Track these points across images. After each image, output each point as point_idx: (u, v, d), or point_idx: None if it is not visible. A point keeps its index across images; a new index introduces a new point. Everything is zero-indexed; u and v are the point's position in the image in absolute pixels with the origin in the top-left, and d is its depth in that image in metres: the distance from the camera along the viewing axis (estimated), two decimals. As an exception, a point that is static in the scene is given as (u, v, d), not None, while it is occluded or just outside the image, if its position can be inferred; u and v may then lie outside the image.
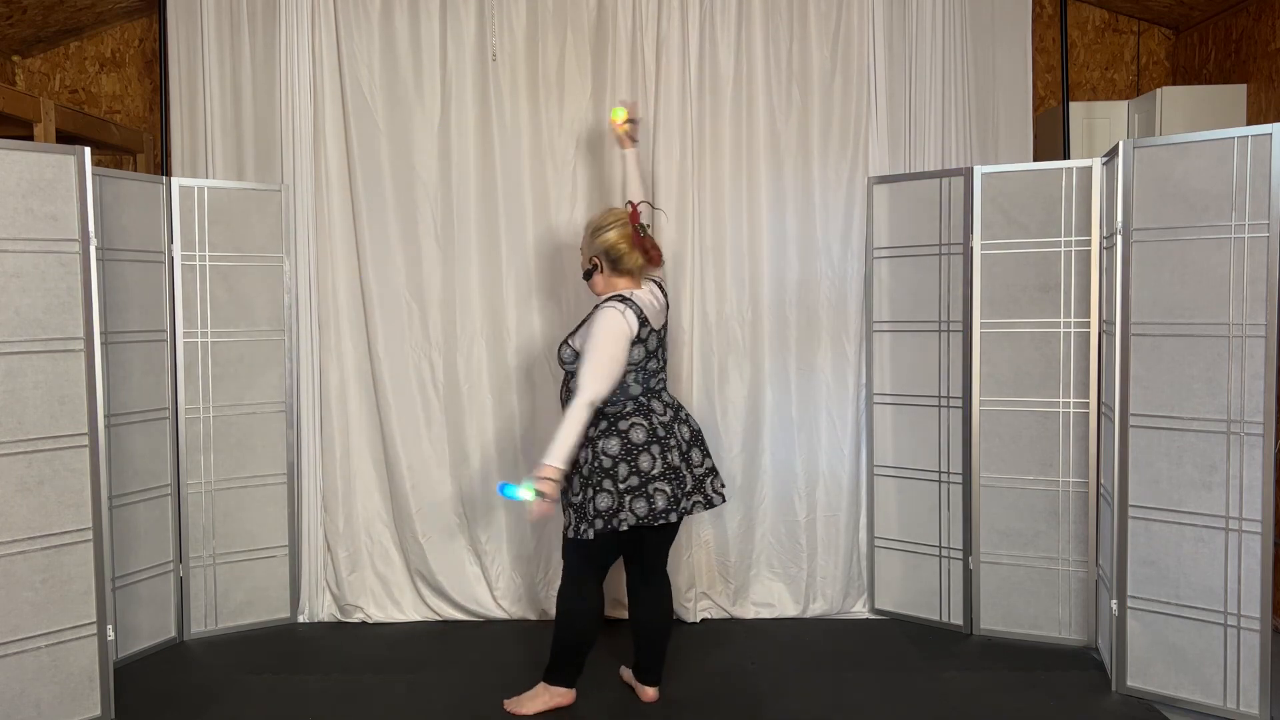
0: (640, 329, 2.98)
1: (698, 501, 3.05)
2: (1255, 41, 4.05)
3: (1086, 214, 3.53)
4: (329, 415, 3.96)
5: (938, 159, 3.91)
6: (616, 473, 2.94)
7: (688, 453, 3.04)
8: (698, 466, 3.06)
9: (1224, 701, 3.05)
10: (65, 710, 3.02)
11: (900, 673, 3.43)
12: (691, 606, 3.94)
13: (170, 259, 3.69)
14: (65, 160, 3.00)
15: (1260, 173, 2.92)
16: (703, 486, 3.07)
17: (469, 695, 3.28)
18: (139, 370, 3.58)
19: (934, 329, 3.80)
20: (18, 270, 2.91)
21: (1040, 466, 3.65)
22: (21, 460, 2.92)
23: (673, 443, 3.00)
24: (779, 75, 3.93)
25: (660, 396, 3.07)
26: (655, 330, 3.04)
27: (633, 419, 2.98)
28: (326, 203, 3.93)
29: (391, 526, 4.03)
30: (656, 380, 3.08)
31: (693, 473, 3.04)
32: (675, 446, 3.00)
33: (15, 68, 4.61)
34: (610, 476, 2.94)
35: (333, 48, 3.90)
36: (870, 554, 4.02)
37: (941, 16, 3.90)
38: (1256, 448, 2.96)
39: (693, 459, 3.05)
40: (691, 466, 3.04)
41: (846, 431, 3.97)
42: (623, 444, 2.95)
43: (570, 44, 3.92)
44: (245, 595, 3.89)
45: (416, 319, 3.94)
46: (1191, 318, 3.06)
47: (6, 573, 2.91)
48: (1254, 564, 2.98)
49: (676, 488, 2.97)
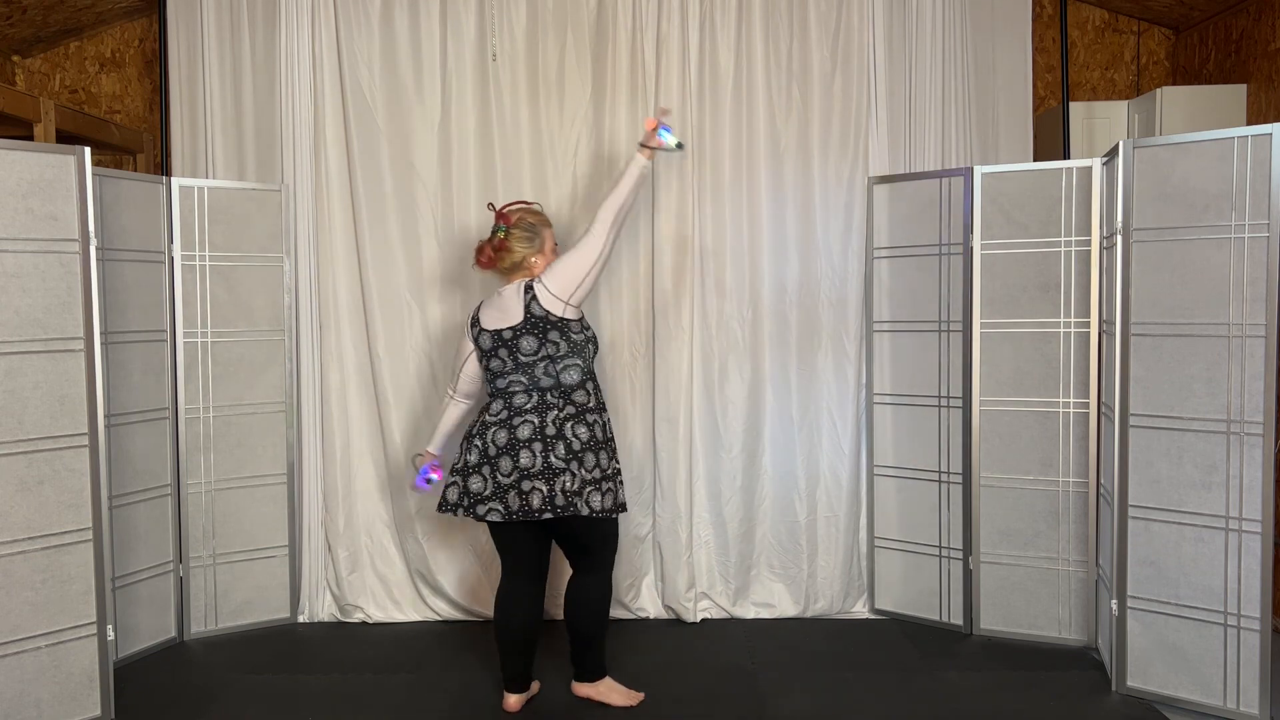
0: (471, 328, 3.21)
1: (494, 508, 3.02)
2: (1255, 41, 4.05)
3: (1086, 214, 3.53)
4: (329, 415, 3.96)
5: (938, 159, 3.91)
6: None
7: (495, 458, 3.03)
8: (504, 475, 3.02)
9: (1224, 701, 3.05)
10: (65, 710, 3.02)
11: (900, 673, 3.43)
12: (691, 606, 3.94)
13: (170, 259, 3.69)
14: (65, 160, 3.00)
15: (1260, 173, 2.92)
16: (504, 496, 3.01)
17: (469, 695, 3.27)
18: (139, 370, 3.58)
19: (934, 329, 3.80)
20: (18, 270, 2.91)
21: (1040, 466, 3.65)
22: (21, 460, 2.92)
23: (478, 444, 3.06)
24: (779, 75, 3.93)
25: (508, 399, 3.09)
26: (490, 331, 3.12)
27: (481, 412, 3.18)
28: (326, 203, 3.94)
29: (391, 527, 4.03)
30: (504, 381, 3.11)
31: (495, 479, 3.03)
32: (480, 448, 3.06)
33: (15, 68, 4.61)
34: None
35: (333, 48, 3.90)
36: (870, 554, 4.02)
37: (941, 16, 3.90)
38: (1256, 448, 2.96)
39: (500, 465, 3.02)
40: (497, 473, 3.03)
41: (847, 431, 3.97)
42: (468, 431, 3.16)
43: (570, 44, 3.92)
44: (245, 595, 3.89)
45: (416, 319, 3.94)
46: (1191, 318, 3.06)
47: (6, 573, 2.91)
48: (1254, 564, 2.98)
49: (469, 487, 3.06)
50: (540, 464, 3.00)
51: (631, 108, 3.90)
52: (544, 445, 3.02)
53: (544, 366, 3.08)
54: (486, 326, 3.15)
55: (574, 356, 3.10)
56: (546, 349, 3.08)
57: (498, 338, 3.11)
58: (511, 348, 3.09)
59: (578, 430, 3.05)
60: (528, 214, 3.23)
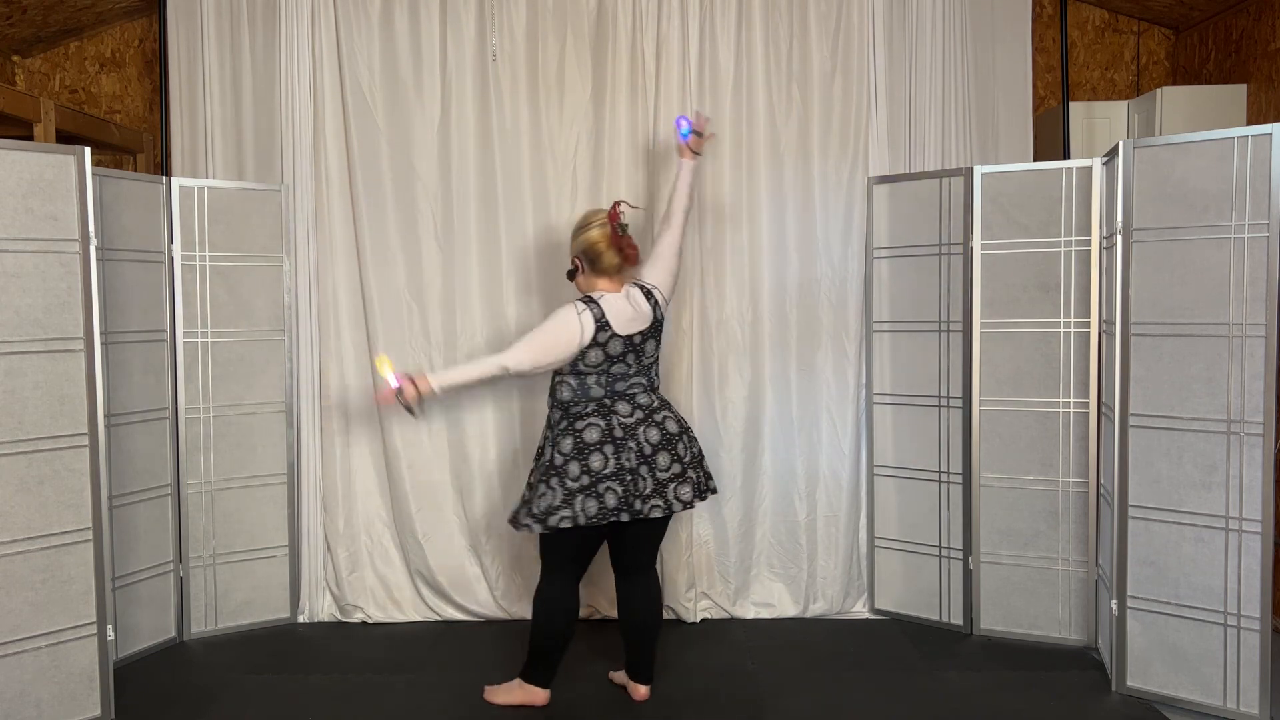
0: (598, 333, 3.00)
1: (656, 505, 3.02)
2: (1255, 41, 4.05)
3: (1086, 214, 3.53)
4: (329, 415, 3.96)
5: (938, 159, 3.91)
6: (567, 471, 2.98)
7: (652, 456, 3.02)
8: (662, 471, 3.03)
9: (1224, 701, 3.05)
10: (65, 710, 3.02)
11: (900, 673, 3.43)
12: (691, 606, 3.94)
13: (170, 259, 3.69)
14: (65, 160, 3.00)
15: (1260, 173, 2.92)
16: (664, 491, 3.03)
17: (469, 695, 3.27)
18: (139, 370, 3.58)
19: (934, 329, 3.80)
20: (18, 270, 2.91)
21: (1040, 466, 3.65)
22: (21, 460, 2.92)
23: (631, 445, 3.00)
24: (779, 75, 3.93)
25: (633, 399, 3.06)
26: (622, 336, 3.04)
27: (590, 419, 3.02)
28: (326, 203, 3.94)
29: (391, 526, 4.03)
30: (627, 384, 3.07)
31: (655, 476, 3.02)
32: (634, 449, 3.00)
33: (15, 68, 4.61)
34: (559, 475, 2.98)
35: (333, 48, 3.90)
36: (870, 554, 4.02)
37: (941, 16, 3.90)
38: (1256, 448, 2.96)
39: (657, 463, 3.02)
40: (655, 470, 3.02)
41: (846, 431, 3.97)
42: (575, 444, 3.00)
43: (570, 44, 3.92)
44: (245, 595, 3.89)
45: (416, 319, 3.94)
46: (1191, 318, 3.06)
47: (6, 573, 2.91)
48: (1254, 564, 2.98)
49: (629, 489, 2.97)
50: (689, 455, 3.10)
51: (631, 108, 3.90)
52: (686, 440, 3.12)
53: (656, 368, 3.17)
54: (620, 331, 3.03)
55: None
56: (658, 351, 3.17)
57: (629, 342, 3.06)
58: (639, 351, 3.09)
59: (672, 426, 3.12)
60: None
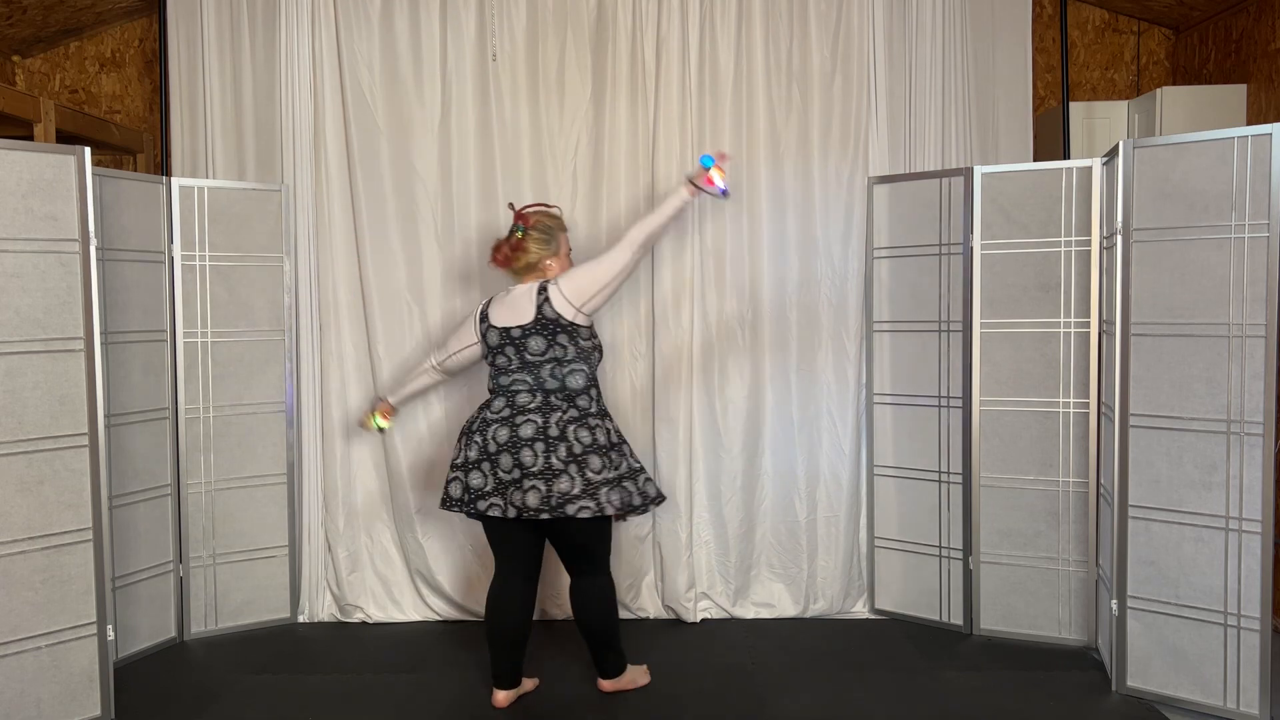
0: (479, 323, 3.22)
1: (495, 504, 3.04)
2: (1255, 41, 4.05)
3: (1086, 214, 3.53)
4: (329, 415, 3.96)
5: (938, 159, 3.91)
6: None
7: (495, 455, 3.04)
8: (505, 472, 3.03)
9: (1224, 701, 3.05)
10: (65, 710, 3.02)
11: (900, 673, 3.43)
12: (691, 606, 3.94)
13: (170, 259, 3.69)
14: (65, 160, 3.00)
15: (1260, 173, 2.92)
16: (505, 493, 3.03)
17: (469, 695, 3.27)
18: (139, 370, 3.58)
19: (934, 329, 3.80)
20: (18, 270, 2.91)
21: (1040, 466, 3.65)
22: (21, 460, 2.92)
23: (478, 440, 3.08)
24: (779, 75, 3.93)
25: (512, 396, 3.11)
26: (498, 328, 3.14)
27: (479, 410, 3.17)
28: (326, 203, 3.94)
29: (391, 527, 4.03)
30: (510, 379, 3.14)
31: (496, 475, 3.04)
32: (479, 445, 3.07)
33: (15, 68, 4.61)
34: None
35: (333, 48, 3.90)
36: (870, 554, 4.02)
37: (941, 16, 3.90)
38: (1256, 448, 2.96)
39: (500, 462, 3.04)
40: (498, 470, 3.04)
41: (847, 431, 3.97)
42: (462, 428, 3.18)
43: (570, 44, 3.92)
44: (245, 595, 3.89)
45: (416, 319, 3.94)
46: (1191, 318, 3.06)
47: (6, 573, 2.91)
48: (1254, 564, 2.98)
49: (465, 484, 3.08)
50: (541, 463, 3.01)
51: (631, 108, 3.90)
52: (546, 445, 3.02)
53: (550, 369, 3.10)
54: (495, 323, 3.16)
55: (580, 362, 3.13)
56: (554, 351, 3.10)
57: (505, 335, 3.13)
58: (519, 347, 3.11)
59: (580, 434, 3.05)
60: (546, 216, 3.26)
